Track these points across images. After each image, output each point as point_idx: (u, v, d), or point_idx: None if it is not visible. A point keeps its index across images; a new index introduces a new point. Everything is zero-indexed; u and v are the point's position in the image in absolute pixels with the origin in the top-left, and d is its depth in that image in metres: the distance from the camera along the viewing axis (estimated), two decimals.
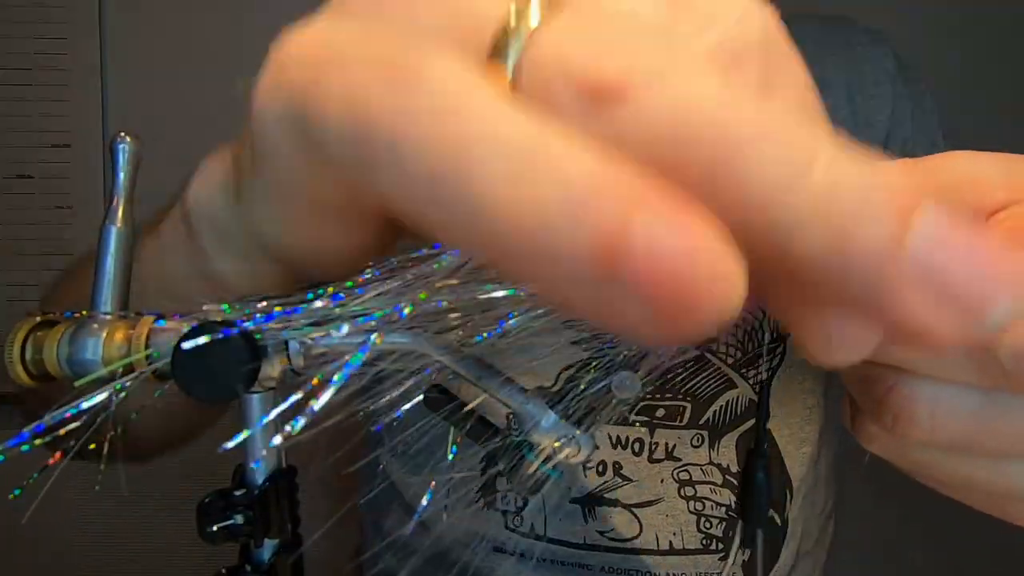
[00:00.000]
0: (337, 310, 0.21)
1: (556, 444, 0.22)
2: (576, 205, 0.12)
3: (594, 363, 0.23)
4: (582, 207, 0.12)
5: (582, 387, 0.22)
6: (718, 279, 0.12)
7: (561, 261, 0.13)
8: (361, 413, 0.24)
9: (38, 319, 0.25)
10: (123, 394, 0.24)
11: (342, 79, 0.16)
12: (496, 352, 0.22)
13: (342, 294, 0.21)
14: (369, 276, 0.21)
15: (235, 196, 0.25)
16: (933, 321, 0.13)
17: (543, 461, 0.23)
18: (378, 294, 0.21)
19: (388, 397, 0.23)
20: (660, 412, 0.62)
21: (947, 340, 0.13)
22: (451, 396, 0.24)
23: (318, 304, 0.21)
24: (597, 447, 0.61)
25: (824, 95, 0.67)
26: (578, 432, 0.22)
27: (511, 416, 0.23)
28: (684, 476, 0.62)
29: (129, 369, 0.24)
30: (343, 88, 0.16)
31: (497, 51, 0.16)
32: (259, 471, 0.25)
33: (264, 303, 0.22)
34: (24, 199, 1.16)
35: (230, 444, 0.21)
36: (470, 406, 0.25)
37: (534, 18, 0.16)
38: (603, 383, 0.23)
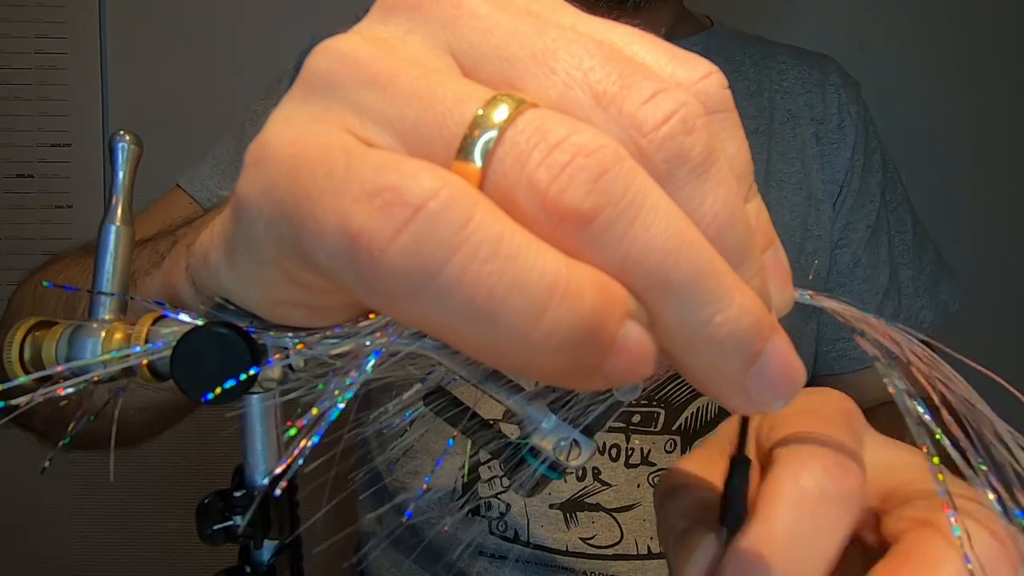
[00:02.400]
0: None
1: (556, 446, 0.22)
2: (586, 326, 0.16)
3: None
4: (591, 328, 0.16)
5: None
6: (648, 361, 0.17)
7: (565, 369, 0.16)
8: (361, 417, 0.24)
9: (37, 319, 0.25)
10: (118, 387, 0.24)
11: (336, 206, 0.16)
12: None
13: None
14: None
15: (200, 280, 0.25)
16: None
17: (543, 463, 0.23)
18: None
19: (388, 399, 0.23)
20: (636, 418, 0.64)
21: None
22: (452, 398, 0.24)
23: None
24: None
25: (794, 132, 0.69)
26: (579, 434, 0.22)
27: (512, 418, 0.23)
28: (659, 481, 0.63)
29: (128, 370, 0.23)
30: (335, 214, 0.16)
31: (463, 147, 0.17)
32: (258, 472, 0.25)
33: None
34: (24, 199, 1.16)
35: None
36: (471, 407, 0.25)
37: (499, 117, 0.17)
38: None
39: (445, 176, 0.16)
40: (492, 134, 0.17)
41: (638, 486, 0.64)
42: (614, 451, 0.64)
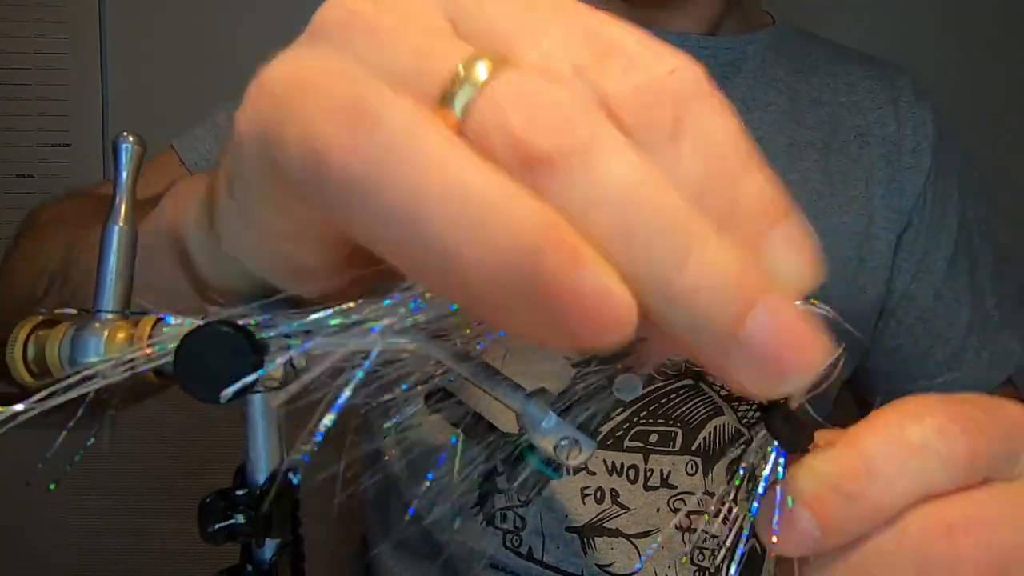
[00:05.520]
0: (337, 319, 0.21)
1: (557, 446, 0.22)
2: (525, 253, 0.16)
3: (595, 365, 0.23)
4: (531, 255, 0.16)
5: (584, 389, 0.23)
6: (618, 319, 0.16)
7: (506, 299, 0.16)
8: (364, 413, 0.24)
9: (40, 318, 0.25)
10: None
11: (301, 115, 0.18)
12: (498, 354, 0.22)
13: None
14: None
15: (209, 221, 0.26)
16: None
17: (543, 462, 0.23)
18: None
19: (391, 398, 0.23)
20: (653, 438, 0.62)
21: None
22: (453, 398, 0.24)
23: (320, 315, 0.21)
24: (593, 473, 0.61)
25: (861, 151, 0.68)
26: (579, 433, 0.22)
27: (513, 417, 0.23)
28: (679, 505, 0.62)
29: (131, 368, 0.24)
30: (301, 124, 0.17)
31: (446, 98, 0.18)
32: (260, 471, 0.25)
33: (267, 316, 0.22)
34: (24, 199, 1.16)
35: None
36: (472, 407, 0.25)
37: (481, 73, 0.18)
38: (606, 384, 0.23)
39: (412, 102, 0.17)
40: (473, 88, 0.18)
41: (657, 510, 0.61)
42: (632, 472, 0.61)
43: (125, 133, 0.25)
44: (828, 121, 0.67)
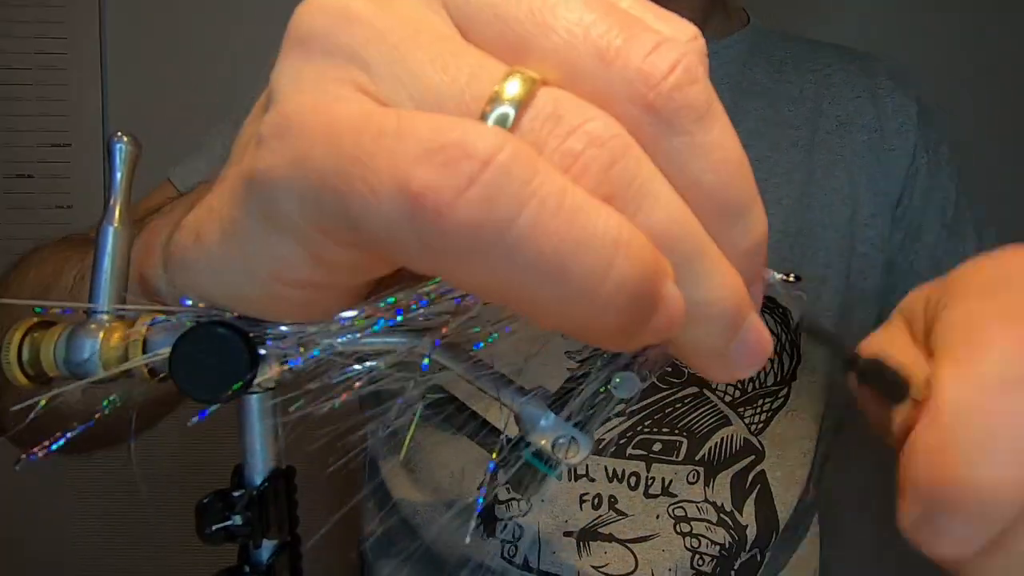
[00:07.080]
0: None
1: (555, 444, 0.22)
2: (646, 284, 0.16)
3: (594, 363, 0.23)
4: (649, 285, 0.16)
5: (582, 388, 0.22)
6: (681, 321, 0.17)
7: (621, 327, 0.17)
8: (362, 413, 0.24)
9: (35, 320, 0.25)
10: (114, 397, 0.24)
11: (392, 167, 0.16)
12: (496, 354, 0.22)
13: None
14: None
15: (164, 265, 0.24)
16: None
17: (541, 460, 0.23)
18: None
19: (389, 399, 0.23)
20: (657, 446, 0.62)
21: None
22: (451, 398, 0.24)
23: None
24: (593, 480, 0.60)
25: (843, 140, 0.67)
26: (577, 432, 0.22)
27: (511, 417, 0.23)
28: (680, 512, 0.62)
29: (127, 371, 0.23)
30: (396, 179, 0.15)
31: (483, 117, 0.17)
32: (258, 471, 0.25)
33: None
34: (24, 199, 1.16)
35: None
36: (467, 402, 0.25)
37: (512, 89, 0.17)
38: (603, 383, 0.23)
39: (505, 132, 0.16)
40: (512, 106, 0.17)
41: (657, 517, 0.61)
42: (633, 479, 0.61)
43: (119, 133, 0.25)
44: (809, 117, 0.67)
